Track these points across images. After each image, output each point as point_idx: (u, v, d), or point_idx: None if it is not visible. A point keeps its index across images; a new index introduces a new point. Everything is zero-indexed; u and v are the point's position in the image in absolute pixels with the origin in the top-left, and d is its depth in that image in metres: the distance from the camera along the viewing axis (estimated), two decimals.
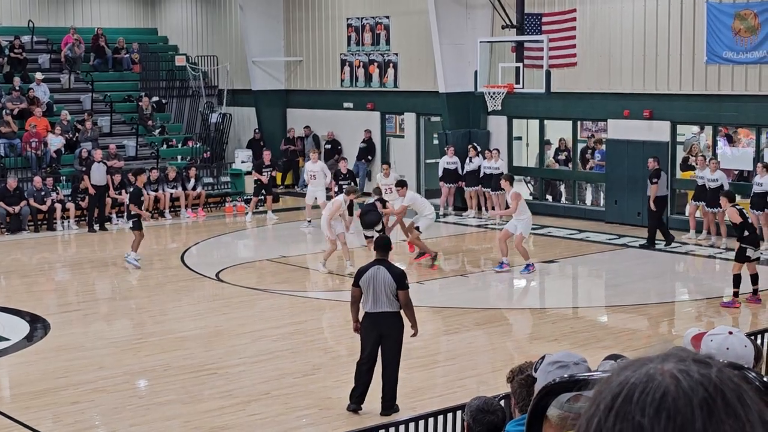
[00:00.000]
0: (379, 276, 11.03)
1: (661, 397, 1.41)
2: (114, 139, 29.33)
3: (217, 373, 13.05)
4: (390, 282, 10.99)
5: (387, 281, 10.99)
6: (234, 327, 15.52)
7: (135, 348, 14.46)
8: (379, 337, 11.14)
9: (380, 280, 11.01)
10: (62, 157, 27.56)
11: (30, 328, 15.59)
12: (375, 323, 11.12)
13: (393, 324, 11.14)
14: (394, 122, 29.91)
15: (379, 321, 11.10)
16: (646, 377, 1.44)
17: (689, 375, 1.42)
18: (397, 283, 11.02)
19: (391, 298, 11.03)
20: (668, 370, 1.44)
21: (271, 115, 32.46)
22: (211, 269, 19.92)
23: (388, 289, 11.00)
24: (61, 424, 11.09)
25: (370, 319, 11.18)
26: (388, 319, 11.09)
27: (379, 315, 11.08)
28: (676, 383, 1.41)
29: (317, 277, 19.37)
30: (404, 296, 11.07)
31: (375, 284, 11.01)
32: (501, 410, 5.88)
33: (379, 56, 29.65)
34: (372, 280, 11.04)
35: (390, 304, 11.05)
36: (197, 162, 29.49)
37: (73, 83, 31.51)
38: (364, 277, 11.14)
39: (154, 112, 31.29)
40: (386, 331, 11.12)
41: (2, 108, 28.33)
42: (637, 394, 1.42)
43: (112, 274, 20.14)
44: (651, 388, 1.42)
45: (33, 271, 20.52)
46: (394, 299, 11.05)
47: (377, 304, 11.04)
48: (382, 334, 11.12)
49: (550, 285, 19.65)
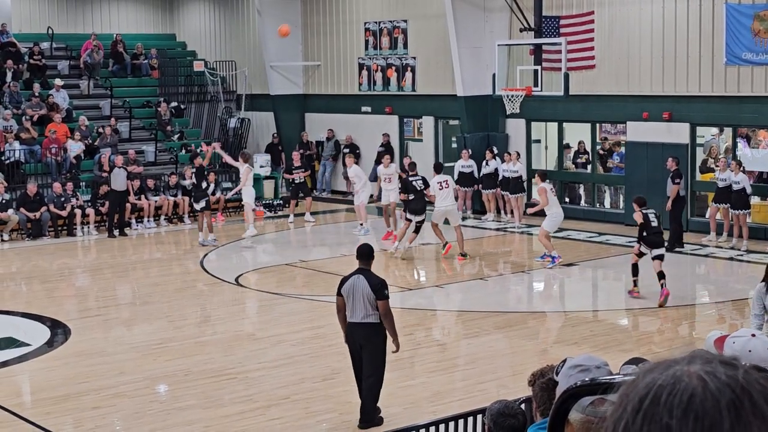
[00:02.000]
0: (358, 285, 10.74)
1: (688, 398, 1.40)
2: (133, 144, 29.43)
3: (237, 377, 13.06)
4: (368, 292, 10.69)
5: (365, 291, 10.70)
6: (253, 331, 15.55)
7: (155, 353, 14.49)
8: (360, 348, 10.91)
9: (359, 290, 10.72)
10: (82, 163, 27.68)
11: (51, 333, 15.64)
12: (354, 333, 10.87)
13: (370, 335, 10.82)
14: (412, 126, 29.90)
15: (357, 331, 10.83)
16: (673, 379, 1.43)
17: (716, 377, 1.42)
18: (375, 292, 10.70)
19: (368, 308, 10.72)
20: (695, 371, 1.43)
21: (290, 119, 32.49)
22: (230, 274, 19.95)
23: (366, 298, 10.70)
24: (82, 429, 11.12)
25: (350, 329, 10.91)
26: (365, 330, 10.80)
27: (358, 325, 10.80)
28: (704, 385, 1.41)
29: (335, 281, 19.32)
30: (383, 306, 10.74)
31: (354, 293, 10.74)
32: (522, 414, 5.86)
33: (397, 60, 29.65)
34: (352, 289, 10.76)
35: (367, 314, 10.75)
36: (216, 167, 29.54)
37: (92, 89, 31.64)
38: (345, 286, 10.86)
39: (172, 117, 31.39)
40: (363, 341, 10.83)
41: (22, 114, 28.46)
42: (664, 396, 1.42)
43: (132, 279, 20.21)
44: (678, 390, 1.41)
45: (53, 276, 20.59)
46: (372, 309, 10.74)
47: (355, 314, 10.76)
48: (361, 345, 10.86)
49: (570, 288, 19.59)
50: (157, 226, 26.23)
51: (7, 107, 28.63)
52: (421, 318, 16.48)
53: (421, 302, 17.53)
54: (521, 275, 19.87)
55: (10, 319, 16.51)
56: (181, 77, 33.22)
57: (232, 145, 31.45)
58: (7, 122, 27.93)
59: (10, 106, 28.80)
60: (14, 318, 16.66)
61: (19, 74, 30.32)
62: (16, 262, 22.41)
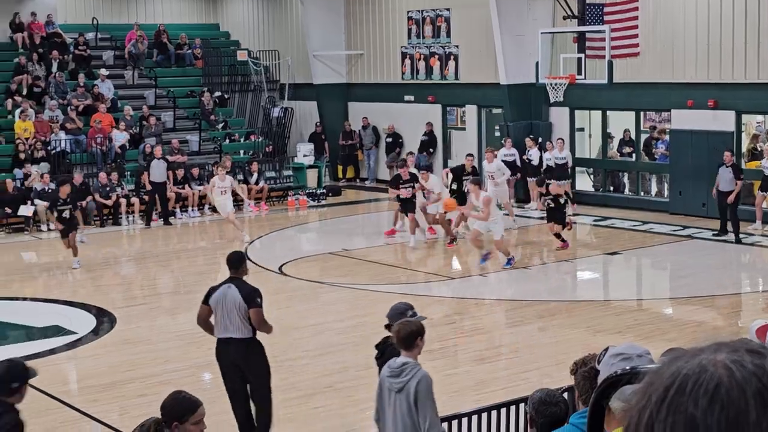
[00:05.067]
0: (229, 296, 9.59)
1: (714, 388, 1.39)
2: (177, 134, 29.62)
3: (281, 365, 13.11)
4: (240, 302, 9.54)
5: (237, 301, 9.55)
6: (296, 320, 15.60)
7: (199, 341, 14.55)
8: (237, 368, 9.76)
9: (231, 301, 9.56)
10: (126, 153, 27.90)
11: (97, 321, 15.79)
12: (226, 351, 9.69)
13: (248, 352, 9.71)
14: (455, 114, 29.84)
15: (229, 349, 9.66)
16: (698, 368, 1.42)
17: (742, 366, 1.40)
18: (247, 301, 9.55)
19: (242, 322, 9.58)
20: (721, 360, 1.42)
21: (333, 108, 32.54)
22: (274, 262, 20.03)
23: (238, 310, 9.56)
24: (128, 417, 11.21)
25: (220, 346, 9.74)
26: (239, 347, 9.65)
27: (229, 341, 9.65)
28: (730, 374, 1.40)
29: (378, 269, 19.39)
30: (256, 315, 9.58)
31: (225, 305, 9.57)
32: (564, 402, 5.86)
33: (440, 48, 29.60)
34: (222, 301, 9.59)
35: (241, 328, 9.60)
36: (259, 156, 29.68)
37: (136, 79, 31.86)
38: (213, 297, 9.71)
39: (216, 107, 31.54)
40: (240, 360, 9.71)
41: (68, 104, 28.72)
42: (690, 386, 1.41)
43: (177, 268, 20.35)
44: (704, 380, 1.40)
45: (99, 265, 20.78)
46: (246, 322, 9.60)
47: (227, 328, 9.62)
48: (237, 365, 9.74)
49: (613, 277, 19.50)
50: (201, 215, 26.39)
51: (53, 98, 28.89)
52: (464, 307, 16.48)
53: (465, 291, 17.52)
54: (564, 264, 19.79)
55: (57, 308, 16.69)
56: (224, 67, 33.36)
57: (275, 135, 31.57)
58: (53, 112, 28.19)
59: (56, 96, 29.07)
60: (61, 306, 16.84)
61: (64, 65, 30.58)
62: (63, 251, 22.63)
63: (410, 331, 7.18)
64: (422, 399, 7.00)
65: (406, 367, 7.08)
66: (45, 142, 27.01)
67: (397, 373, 7.09)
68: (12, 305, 17.20)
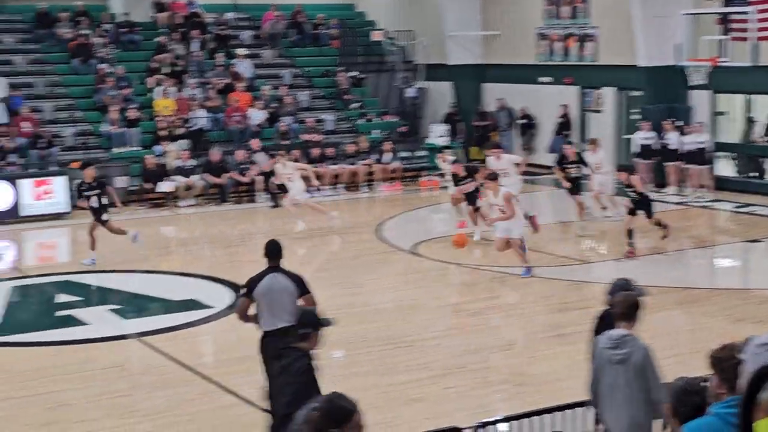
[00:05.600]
0: (277, 285, 9.31)
1: None
2: (312, 113, 29.89)
3: (413, 345, 13.13)
4: (292, 289, 9.35)
5: (289, 289, 9.35)
6: (429, 300, 15.59)
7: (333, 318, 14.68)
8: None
9: (281, 290, 9.30)
10: (264, 131, 28.27)
11: (232, 296, 16.03)
12: (275, 342, 9.02)
13: None
14: (592, 97, 29.36)
15: (278, 340, 8.98)
16: None
17: None
18: (300, 288, 9.36)
19: (294, 310, 9.12)
20: None
21: (467, 89, 32.39)
22: (407, 242, 20.05)
23: (290, 298, 9.31)
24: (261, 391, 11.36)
25: (269, 337, 9.30)
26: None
27: (278, 332, 9.18)
28: None
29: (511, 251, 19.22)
30: (311, 301, 9.35)
31: (274, 295, 9.26)
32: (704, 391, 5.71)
33: (578, 29, 29.16)
34: (269, 292, 9.25)
35: (293, 316, 8.84)
36: (394, 136, 29.74)
37: (274, 59, 32.23)
38: (258, 289, 9.31)
39: (351, 86, 31.70)
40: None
41: (207, 83, 29.24)
42: None
43: (310, 246, 20.52)
44: None
45: (235, 241, 21.10)
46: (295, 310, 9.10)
47: (278, 319, 9.22)
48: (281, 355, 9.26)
49: (755, 265, 18.96)
50: (336, 193, 26.60)
51: (193, 76, 29.45)
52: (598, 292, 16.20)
53: (601, 276, 17.24)
54: (703, 250, 19.32)
55: (194, 282, 17.02)
56: (360, 47, 33.51)
57: (409, 115, 31.58)
58: (192, 91, 28.74)
59: (196, 75, 29.63)
60: (198, 281, 17.17)
61: (204, 44, 31.12)
62: (200, 226, 23.11)
63: (632, 302, 7.46)
64: (650, 370, 7.21)
65: (626, 339, 7.27)
66: (185, 119, 27.57)
67: (617, 345, 7.26)
68: (151, 278, 17.61)
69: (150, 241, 21.25)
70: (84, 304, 15.72)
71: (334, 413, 5.62)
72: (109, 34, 30.39)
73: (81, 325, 14.56)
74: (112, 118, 26.83)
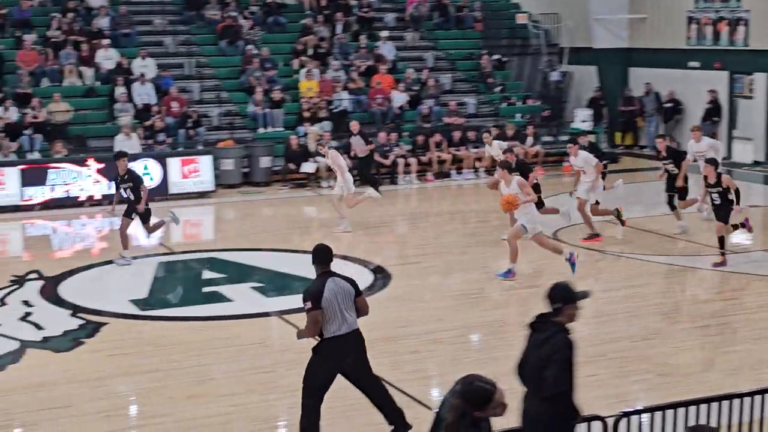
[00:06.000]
0: (341, 289, 9.15)
1: None
2: (455, 96, 29.83)
3: None
4: (352, 292, 9.22)
5: (351, 293, 9.20)
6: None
7: (472, 302, 14.68)
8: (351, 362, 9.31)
9: (345, 293, 9.16)
10: (405, 114, 28.34)
11: (373, 277, 16.15)
12: (345, 347, 9.19)
13: (361, 339, 9.37)
14: (743, 83, 28.55)
15: (349, 343, 9.21)
16: None
17: None
18: (356, 290, 9.26)
19: (355, 312, 9.27)
20: None
21: (612, 73, 31.88)
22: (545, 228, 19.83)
23: (352, 301, 9.20)
24: (400, 372, 11.42)
25: (339, 342, 9.18)
26: (358, 337, 9.30)
27: (349, 336, 9.20)
28: None
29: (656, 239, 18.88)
30: (365, 302, 9.37)
31: (341, 300, 9.12)
32: None
33: (730, 13, 28.39)
34: (334, 297, 9.10)
35: (355, 319, 9.28)
36: (536, 120, 29.48)
37: (417, 41, 32.26)
38: (326, 297, 9.07)
39: (494, 69, 31.51)
40: (358, 351, 9.33)
41: (350, 65, 29.44)
42: None
43: (450, 229, 20.50)
44: None
45: (375, 223, 21.21)
46: (354, 312, 9.26)
47: (346, 324, 9.17)
48: (354, 359, 9.31)
49: None
50: (476, 177, 26.55)
51: (337, 58, 29.69)
52: (746, 283, 15.81)
53: (747, 267, 16.80)
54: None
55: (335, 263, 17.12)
56: (504, 30, 33.28)
57: (553, 99, 31.25)
58: (336, 73, 28.98)
59: (339, 57, 29.86)
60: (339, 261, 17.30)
61: (348, 26, 31.33)
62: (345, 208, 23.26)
63: None
64: None
65: None
66: (328, 101, 27.83)
67: None
68: (291, 257, 17.86)
69: (293, 220, 21.58)
70: (228, 281, 16.05)
71: (474, 396, 5.62)
72: (255, 16, 30.86)
73: (226, 301, 14.87)
74: (257, 99, 27.27)
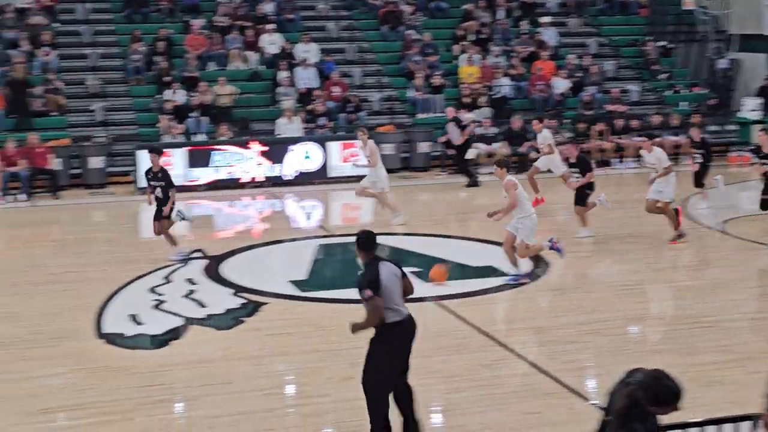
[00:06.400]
0: (393, 274, 8.89)
1: None
2: (617, 83, 29.31)
3: (714, 326, 12.65)
4: (400, 275, 8.95)
5: (401, 277, 8.95)
6: (735, 281, 14.96)
7: (630, 294, 14.39)
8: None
9: (397, 278, 8.91)
10: (567, 101, 27.99)
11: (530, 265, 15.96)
12: (410, 330, 8.98)
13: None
14: None
15: (411, 326, 8.97)
16: None
17: None
18: (404, 273, 8.99)
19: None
20: None
21: None
22: (714, 220, 19.36)
23: (401, 284, 8.95)
24: (557, 361, 11.27)
25: (405, 326, 8.95)
26: (412, 319, 9.01)
27: (410, 318, 8.96)
28: None
29: None
30: (411, 284, 9.06)
31: (396, 285, 8.87)
32: None
33: None
34: (391, 283, 8.84)
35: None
36: (702, 109, 28.73)
37: (579, 27, 31.81)
38: (384, 284, 8.79)
39: (660, 56, 30.82)
40: (413, 335, 9.05)
41: (511, 51, 29.23)
42: None
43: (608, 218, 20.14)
44: None
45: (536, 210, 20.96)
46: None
47: (402, 307, 8.94)
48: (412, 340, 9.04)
49: None
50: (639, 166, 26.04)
51: (498, 44, 29.51)
52: None
53: None
54: None
55: (492, 249, 17.06)
56: (670, 16, 32.52)
57: (720, 87, 30.40)
58: (496, 59, 28.82)
59: (500, 42, 29.67)
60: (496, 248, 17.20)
61: (509, 12, 31.10)
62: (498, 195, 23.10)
63: None
64: None
65: None
66: (488, 87, 27.70)
67: None
68: (450, 243, 17.86)
69: (451, 206, 21.58)
70: None
71: (661, 392, 5.36)
72: (417, 1, 30.92)
73: None
74: (417, 84, 27.33)
